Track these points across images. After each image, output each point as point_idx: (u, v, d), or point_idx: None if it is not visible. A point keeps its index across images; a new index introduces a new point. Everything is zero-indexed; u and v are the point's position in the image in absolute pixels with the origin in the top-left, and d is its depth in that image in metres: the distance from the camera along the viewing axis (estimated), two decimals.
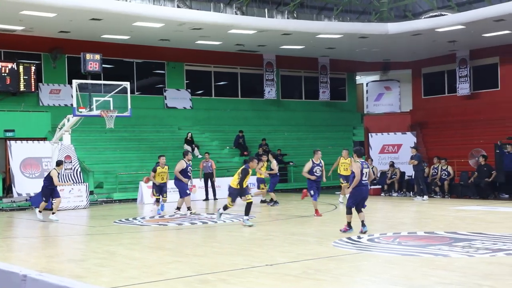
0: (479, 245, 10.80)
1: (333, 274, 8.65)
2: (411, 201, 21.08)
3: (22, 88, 25.51)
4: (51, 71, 27.25)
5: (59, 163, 17.79)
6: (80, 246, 13.02)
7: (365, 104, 36.41)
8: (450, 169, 22.46)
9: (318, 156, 16.56)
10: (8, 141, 22.46)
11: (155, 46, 28.96)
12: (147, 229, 15.42)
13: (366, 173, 12.68)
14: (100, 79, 23.64)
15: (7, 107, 24.54)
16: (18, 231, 16.65)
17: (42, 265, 9.92)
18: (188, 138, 27.90)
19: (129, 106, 20.73)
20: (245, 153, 28.71)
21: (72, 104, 20.73)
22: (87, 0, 22.49)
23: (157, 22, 24.72)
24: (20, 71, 25.40)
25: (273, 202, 20.09)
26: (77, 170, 21.70)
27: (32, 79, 25.70)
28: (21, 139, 22.83)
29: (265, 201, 20.83)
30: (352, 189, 12.74)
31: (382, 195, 23.82)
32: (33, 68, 25.83)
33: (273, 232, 13.64)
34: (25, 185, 21.68)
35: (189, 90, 30.93)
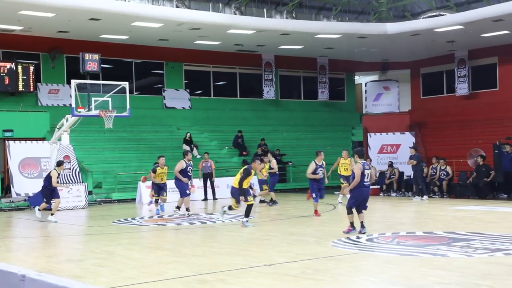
0: (477, 245, 10.80)
1: (332, 274, 8.65)
2: (410, 201, 21.08)
3: (20, 88, 25.49)
4: (49, 71, 27.23)
5: (60, 164, 17.68)
6: (78, 246, 13.02)
7: (363, 104, 36.40)
8: (448, 169, 22.47)
9: (321, 157, 16.56)
10: (6, 141, 22.43)
11: (153, 46, 28.94)
12: (146, 229, 15.42)
13: (368, 174, 12.51)
14: (99, 79, 23.60)
15: (6, 107, 24.52)
16: (17, 231, 16.64)
17: (41, 265, 9.91)
18: (187, 138, 27.88)
19: (128, 106, 20.73)
20: (244, 153, 28.71)
21: (70, 104, 20.70)
22: (86, 0, 22.47)
23: (156, 22, 24.71)
24: (19, 71, 25.38)
25: (272, 202, 20.09)
26: (75, 170, 21.71)
27: (31, 79, 25.69)
28: (19, 139, 22.80)
29: (264, 201, 20.83)
30: (353, 190, 12.68)
31: (380, 195, 23.81)
32: (31, 68, 25.81)
33: (272, 232, 13.64)
34: (23, 185, 21.66)
35: (188, 90, 30.93)
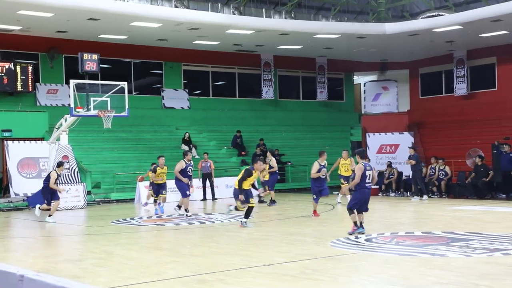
0: (476, 245, 10.81)
1: (331, 274, 8.65)
2: (409, 201, 21.09)
3: (19, 88, 25.47)
4: (48, 71, 27.21)
5: (60, 165, 17.56)
6: (77, 246, 13.02)
7: (362, 104, 36.40)
8: (447, 169, 22.47)
9: (324, 157, 16.58)
10: (5, 141, 22.42)
11: (152, 46, 28.93)
12: (145, 229, 15.41)
13: (370, 175, 12.30)
14: (98, 79, 23.55)
15: (4, 107, 24.51)
16: (16, 231, 16.63)
17: (39, 265, 9.90)
18: (186, 138, 27.87)
19: (127, 106, 20.72)
20: (243, 153, 28.72)
21: (69, 104, 20.70)
22: (85, 0, 22.47)
23: (155, 22, 24.70)
24: (17, 71, 25.35)
25: (271, 202, 20.08)
26: (74, 170, 21.70)
27: (30, 79, 25.66)
28: (18, 139, 22.80)
29: (264, 200, 20.82)
30: (355, 192, 12.55)
31: (379, 195, 23.79)
32: (30, 68, 25.79)
33: (270, 232, 13.64)
34: (22, 185, 21.65)
35: (187, 90, 30.92)
